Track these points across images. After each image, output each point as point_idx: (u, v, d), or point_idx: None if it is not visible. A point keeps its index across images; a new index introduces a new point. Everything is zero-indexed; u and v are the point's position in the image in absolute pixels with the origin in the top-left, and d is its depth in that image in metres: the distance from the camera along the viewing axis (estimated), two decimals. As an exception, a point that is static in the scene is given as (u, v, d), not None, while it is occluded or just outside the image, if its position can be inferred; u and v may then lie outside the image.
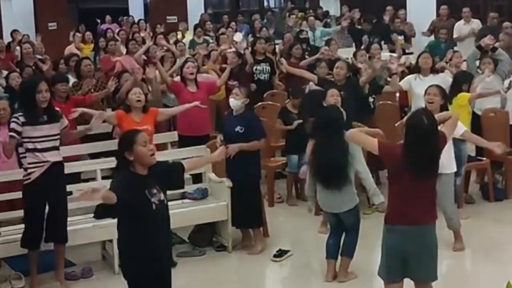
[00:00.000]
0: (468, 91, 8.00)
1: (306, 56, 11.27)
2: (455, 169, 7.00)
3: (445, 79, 8.32)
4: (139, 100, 7.22)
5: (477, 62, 9.07)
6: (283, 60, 9.92)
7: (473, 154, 8.51)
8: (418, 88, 8.49)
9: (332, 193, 6.21)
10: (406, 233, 4.87)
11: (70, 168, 6.80)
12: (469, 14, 13.59)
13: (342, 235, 6.38)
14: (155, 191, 4.69)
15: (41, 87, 6.14)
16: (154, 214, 4.66)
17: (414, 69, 8.89)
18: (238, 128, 6.98)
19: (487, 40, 9.08)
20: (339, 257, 6.41)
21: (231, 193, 7.12)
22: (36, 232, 6.24)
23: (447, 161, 6.79)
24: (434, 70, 8.77)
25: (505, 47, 9.84)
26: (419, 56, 8.96)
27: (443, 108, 6.98)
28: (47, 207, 6.23)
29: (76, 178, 7.37)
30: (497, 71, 8.89)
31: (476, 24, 13.48)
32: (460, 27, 13.38)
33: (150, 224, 4.66)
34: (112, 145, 7.85)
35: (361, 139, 5.18)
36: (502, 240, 7.08)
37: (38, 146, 6.14)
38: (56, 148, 6.27)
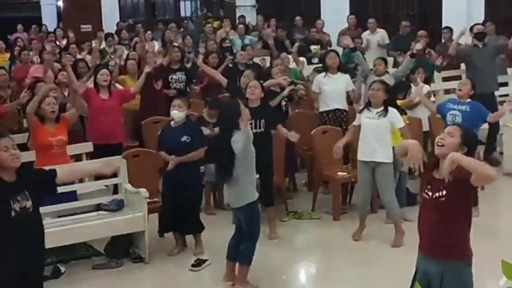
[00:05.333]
0: (403, 99, 8.57)
1: (230, 65, 11.28)
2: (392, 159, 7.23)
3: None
4: (53, 111, 7.20)
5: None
6: (200, 56, 10.08)
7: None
8: (328, 85, 9.06)
9: (228, 185, 6.23)
10: None
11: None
12: (374, 24, 13.86)
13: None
14: (19, 198, 4.60)
15: None
16: (13, 221, 4.56)
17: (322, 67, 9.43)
18: (184, 138, 7.06)
19: (419, 46, 9.71)
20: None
21: (172, 202, 7.09)
22: None
23: (385, 151, 7.16)
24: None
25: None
26: (325, 56, 9.38)
27: (388, 103, 7.28)
28: None
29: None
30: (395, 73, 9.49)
31: (381, 34, 13.74)
32: (366, 37, 13.66)
33: (8, 231, 4.57)
34: (27, 156, 7.68)
35: (480, 165, 4.09)
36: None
37: None
38: None
